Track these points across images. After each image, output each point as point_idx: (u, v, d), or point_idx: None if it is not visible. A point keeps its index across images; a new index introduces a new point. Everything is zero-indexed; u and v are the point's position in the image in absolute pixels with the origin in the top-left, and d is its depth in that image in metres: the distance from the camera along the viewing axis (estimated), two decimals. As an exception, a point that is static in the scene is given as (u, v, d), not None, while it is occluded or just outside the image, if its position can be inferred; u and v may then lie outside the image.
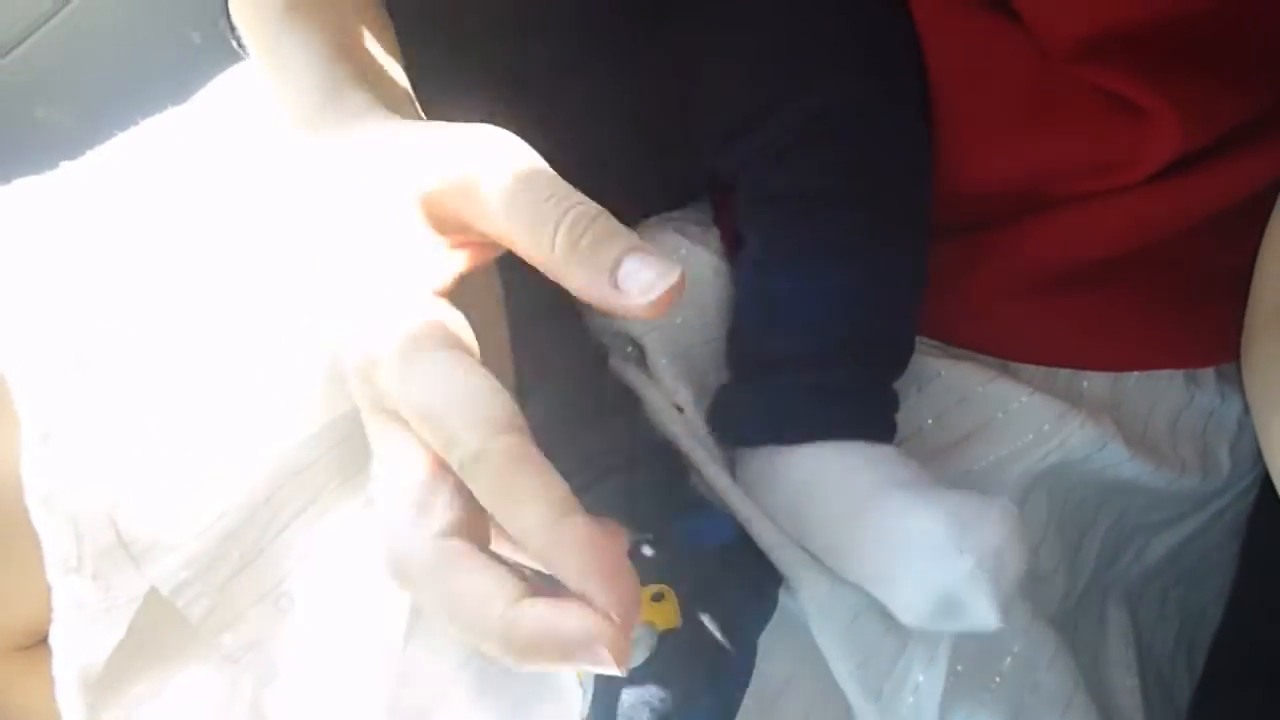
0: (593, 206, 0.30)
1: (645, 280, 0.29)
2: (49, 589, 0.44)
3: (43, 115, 0.76)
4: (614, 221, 0.30)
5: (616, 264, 0.29)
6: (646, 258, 0.29)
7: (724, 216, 0.52)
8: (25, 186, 0.52)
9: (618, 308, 0.29)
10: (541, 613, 0.27)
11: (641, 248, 0.29)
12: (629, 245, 0.29)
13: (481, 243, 0.33)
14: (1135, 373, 0.51)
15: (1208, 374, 0.52)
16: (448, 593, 0.28)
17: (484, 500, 0.28)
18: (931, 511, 0.39)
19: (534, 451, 0.28)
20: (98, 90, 0.77)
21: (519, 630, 0.27)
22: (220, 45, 0.54)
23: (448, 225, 0.33)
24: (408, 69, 0.41)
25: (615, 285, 0.29)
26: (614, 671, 0.27)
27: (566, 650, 0.27)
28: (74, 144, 0.54)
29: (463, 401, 0.29)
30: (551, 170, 0.31)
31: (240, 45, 0.44)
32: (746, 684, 0.38)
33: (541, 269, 0.31)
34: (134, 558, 0.45)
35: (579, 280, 0.30)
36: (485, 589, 0.28)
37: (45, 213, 0.52)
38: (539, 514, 0.28)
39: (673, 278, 0.29)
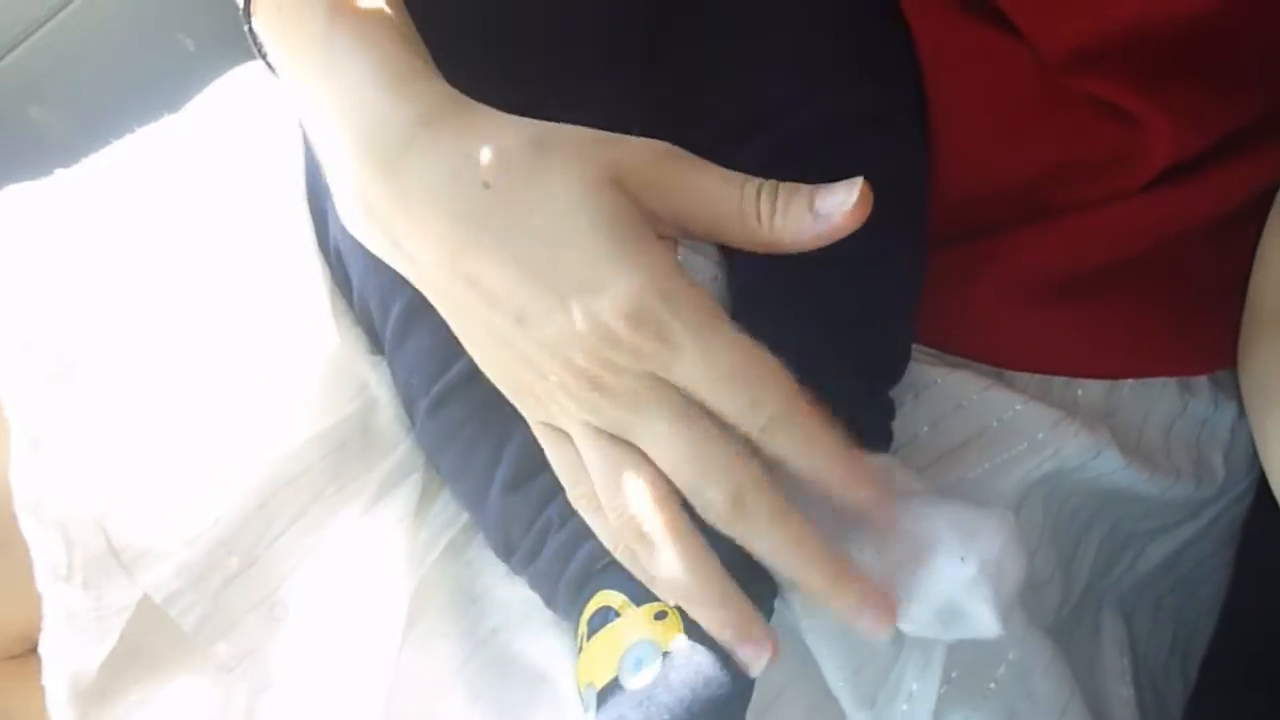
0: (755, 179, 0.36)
1: (838, 200, 0.35)
2: (40, 597, 0.43)
3: (36, 116, 0.76)
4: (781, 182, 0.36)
5: (812, 205, 0.35)
6: (828, 189, 0.35)
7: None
8: (18, 193, 0.52)
9: (827, 235, 0.35)
10: (861, 573, 0.36)
11: (818, 186, 0.35)
12: (809, 189, 0.36)
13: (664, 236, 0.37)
14: (1129, 380, 0.51)
15: (1201, 381, 0.52)
16: (789, 534, 0.36)
17: (787, 449, 0.35)
18: (930, 520, 0.39)
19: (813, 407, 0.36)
20: (92, 96, 0.76)
21: (843, 573, 0.36)
22: (214, 52, 0.54)
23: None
24: None
25: (816, 221, 0.35)
26: (873, 630, 0.36)
27: (862, 606, 0.36)
28: (68, 150, 0.54)
29: (767, 368, 0.35)
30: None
31: (261, 54, 0.43)
32: (749, 699, 0.38)
33: (740, 242, 0.36)
34: (125, 566, 0.44)
35: (790, 234, 0.36)
36: (817, 538, 0.36)
37: (37, 220, 0.52)
38: (835, 454, 0.36)
39: (858, 185, 0.35)
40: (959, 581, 0.38)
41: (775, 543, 0.36)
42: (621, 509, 0.36)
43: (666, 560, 0.36)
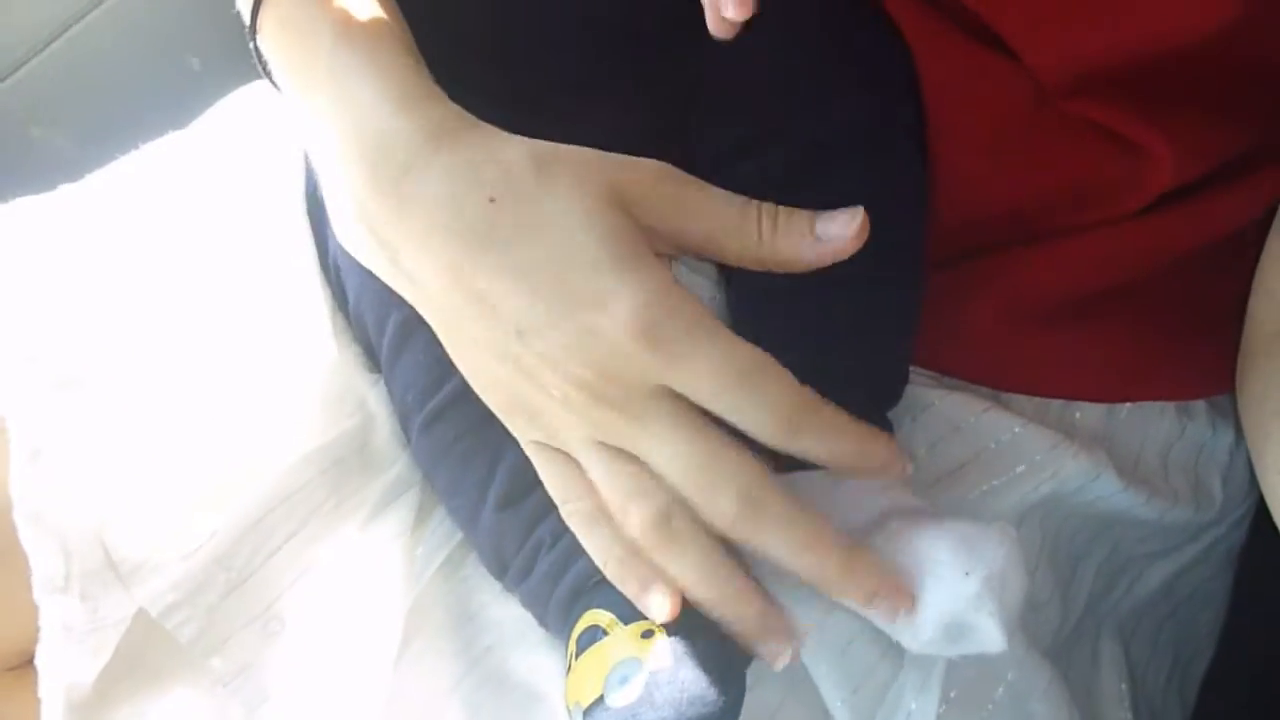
0: (754, 200, 0.37)
1: (840, 225, 0.36)
2: (37, 609, 0.43)
3: (40, 136, 0.76)
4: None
5: (811, 227, 0.36)
6: (830, 213, 0.36)
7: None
8: (21, 206, 0.53)
9: (826, 258, 0.37)
10: (873, 558, 0.37)
11: (819, 212, 0.37)
12: (809, 212, 0.37)
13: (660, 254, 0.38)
14: (1127, 404, 0.51)
15: (1199, 405, 0.52)
16: (801, 530, 0.36)
17: (808, 443, 0.35)
18: (933, 536, 0.39)
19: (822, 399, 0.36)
20: (98, 114, 0.77)
21: (857, 562, 0.36)
22: (220, 71, 0.55)
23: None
24: None
25: (815, 244, 0.36)
26: (892, 613, 0.37)
27: (878, 592, 0.36)
28: (73, 167, 0.55)
29: (773, 370, 0.35)
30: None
31: (265, 72, 0.44)
32: (737, 717, 0.38)
33: (737, 259, 0.37)
34: (122, 578, 0.44)
35: (787, 253, 0.37)
36: (829, 532, 0.36)
37: (40, 233, 0.52)
38: (855, 433, 0.36)
39: (859, 214, 0.36)
40: (963, 596, 0.37)
41: (790, 541, 0.36)
42: (634, 521, 0.37)
43: (685, 565, 0.37)
